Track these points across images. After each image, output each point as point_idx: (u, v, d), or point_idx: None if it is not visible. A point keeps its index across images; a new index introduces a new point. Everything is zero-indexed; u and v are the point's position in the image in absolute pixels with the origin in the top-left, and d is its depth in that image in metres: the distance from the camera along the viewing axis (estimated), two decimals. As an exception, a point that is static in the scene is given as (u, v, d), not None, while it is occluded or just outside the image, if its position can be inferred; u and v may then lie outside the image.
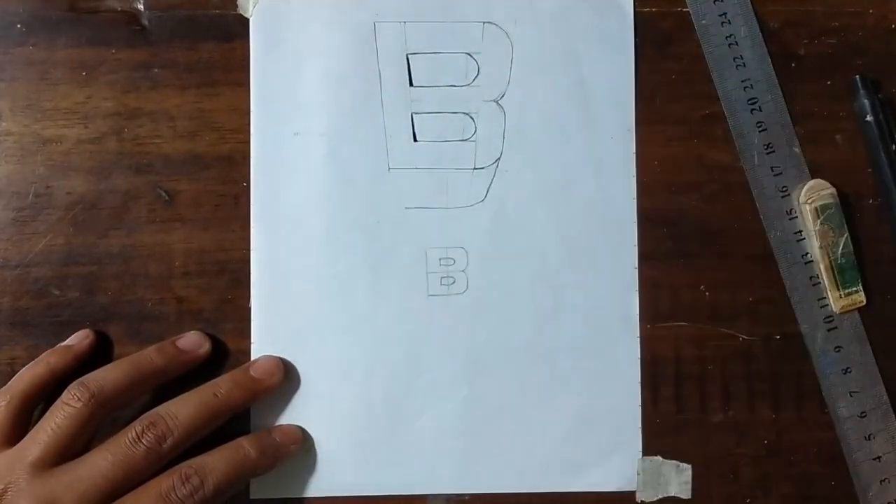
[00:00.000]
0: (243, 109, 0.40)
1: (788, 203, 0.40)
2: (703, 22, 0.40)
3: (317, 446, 0.39)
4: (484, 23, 0.40)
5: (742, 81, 0.40)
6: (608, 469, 0.40)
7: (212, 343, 0.39)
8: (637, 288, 0.40)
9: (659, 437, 0.40)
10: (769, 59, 0.40)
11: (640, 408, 0.40)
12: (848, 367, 0.40)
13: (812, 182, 0.40)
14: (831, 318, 0.40)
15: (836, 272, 0.40)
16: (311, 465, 0.39)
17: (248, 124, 0.40)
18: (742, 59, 0.40)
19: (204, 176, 0.40)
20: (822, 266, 0.40)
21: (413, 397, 0.40)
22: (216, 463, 0.36)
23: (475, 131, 0.40)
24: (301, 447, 0.39)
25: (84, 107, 0.40)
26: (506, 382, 0.40)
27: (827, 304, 0.40)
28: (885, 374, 0.40)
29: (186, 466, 0.35)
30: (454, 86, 0.40)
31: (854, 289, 0.40)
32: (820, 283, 0.40)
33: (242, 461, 0.36)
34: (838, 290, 0.40)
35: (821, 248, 0.40)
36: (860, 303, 0.40)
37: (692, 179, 0.40)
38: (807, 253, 0.40)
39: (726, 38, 0.40)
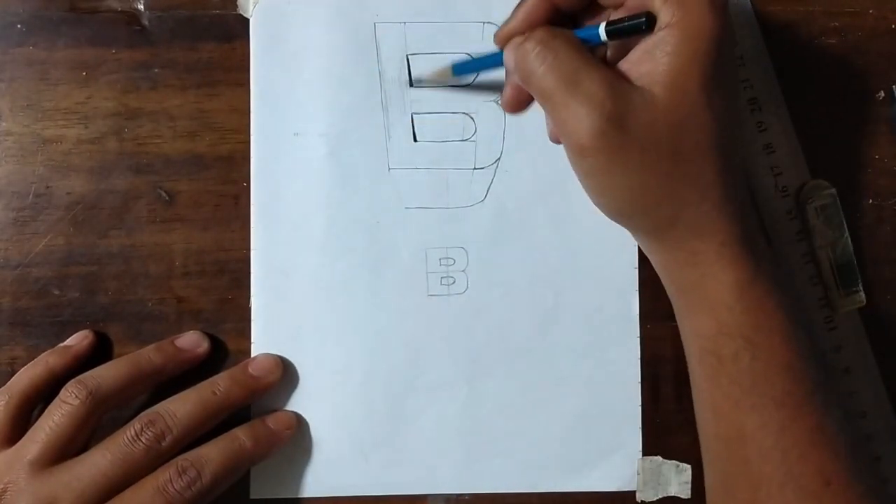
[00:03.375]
0: (243, 109, 0.40)
1: (788, 203, 0.40)
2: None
3: (317, 446, 0.39)
4: (484, 23, 0.40)
5: (742, 81, 0.40)
6: (608, 469, 0.40)
7: (211, 343, 0.39)
8: (637, 288, 0.40)
9: (659, 437, 0.40)
10: (769, 59, 0.40)
11: (640, 408, 0.40)
12: (848, 367, 0.40)
13: (812, 182, 0.40)
14: (831, 319, 0.40)
15: (836, 272, 0.40)
16: (311, 465, 0.39)
17: (248, 124, 0.40)
18: (742, 59, 0.40)
19: (204, 176, 0.40)
20: (822, 266, 0.40)
21: (413, 397, 0.40)
22: (212, 454, 0.36)
23: (475, 131, 0.40)
24: (295, 432, 0.39)
25: (84, 107, 0.40)
26: (506, 382, 0.40)
27: (827, 304, 0.40)
28: (885, 374, 0.40)
29: (183, 459, 0.35)
30: (454, 86, 0.40)
31: (854, 289, 0.40)
32: (820, 283, 0.40)
33: (238, 451, 0.36)
34: (838, 290, 0.40)
35: (821, 248, 0.40)
36: (860, 303, 0.40)
37: (692, 179, 0.40)
38: (807, 253, 0.40)
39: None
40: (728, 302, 0.33)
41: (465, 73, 0.39)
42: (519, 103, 0.36)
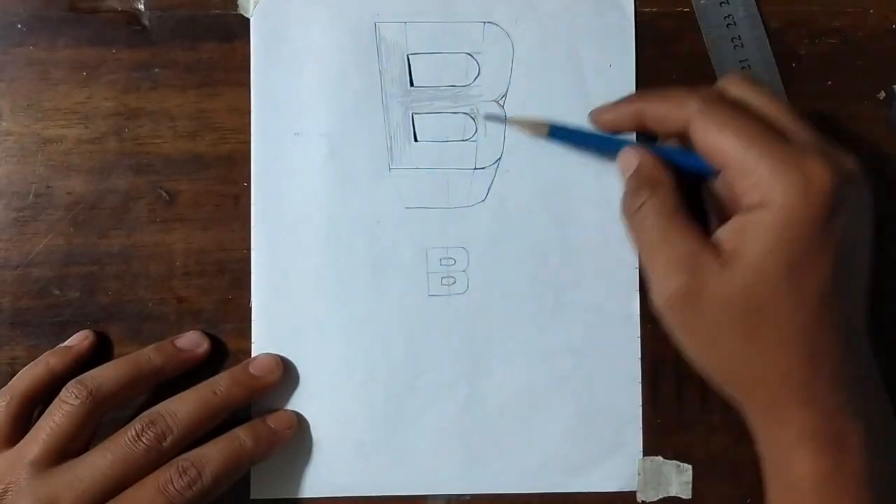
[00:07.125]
0: (244, 109, 0.40)
1: (789, 203, 0.40)
2: (705, 22, 0.40)
3: (317, 446, 0.39)
4: (485, 23, 0.40)
5: (742, 81, 0.40)
6: (608, 469, 0.40)
7: (211, 343, 0.39)
8: (637, 288, 0.40)
9: (659, 437, 0.40)
10: (773, 60, 0.40)
11: (641, 408, 0.40)
12: (848, 368, 0.40)
13: (812, 182, 0.40)
14: (832, 319, 0.40)
15: (836, 272, 0.40)
16: (311, 465, 0.39)
17: (249, 124, 0.40)
18: (747, 60, 0.40)
19: (204, 176, 0.40)
20: (822, 266, 0.40)
21: (413, 397, 0.40)
22: (213, 454, 0.36)
23: (476, 131, 0.40)
24: (296, 431, 0.39)
25: (84, 107, 0.40)
26: (506, 382, 0.40)
27: (827, 305, 0.40)
28: (885, 374, 0.40)
29: (183, 459, 0.35)
30: (455, 86, 0.40)
31: (854, 289, 0.40)
32: (820, 283, 0.40)
33: (239, 451, 0.36)
34: (839, 290, 0.40)
35: (821, 248, 0.40)
36: (861, 303, 0.40)
37: (692, 179, 0.40)
38: (807, 253, 0.40)
39: (731, 39, 0.40)
40: (802, 490, 0.32)
41: (558, 140, 0.39)
42: None
